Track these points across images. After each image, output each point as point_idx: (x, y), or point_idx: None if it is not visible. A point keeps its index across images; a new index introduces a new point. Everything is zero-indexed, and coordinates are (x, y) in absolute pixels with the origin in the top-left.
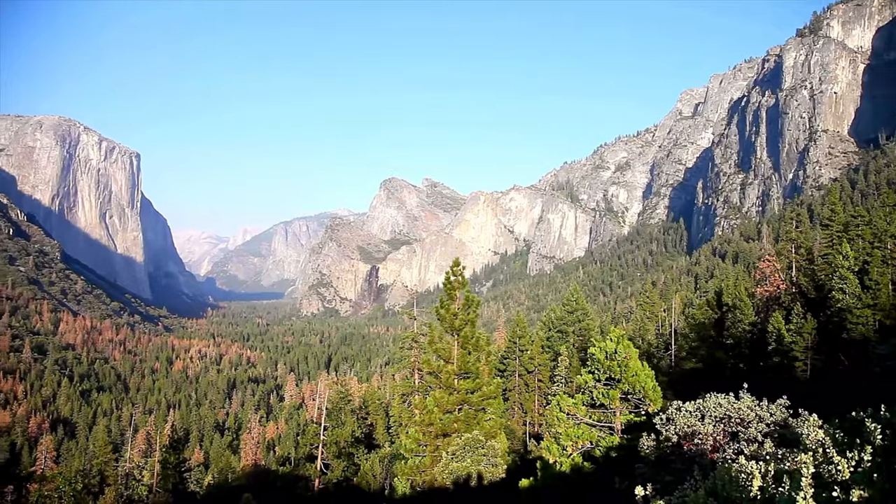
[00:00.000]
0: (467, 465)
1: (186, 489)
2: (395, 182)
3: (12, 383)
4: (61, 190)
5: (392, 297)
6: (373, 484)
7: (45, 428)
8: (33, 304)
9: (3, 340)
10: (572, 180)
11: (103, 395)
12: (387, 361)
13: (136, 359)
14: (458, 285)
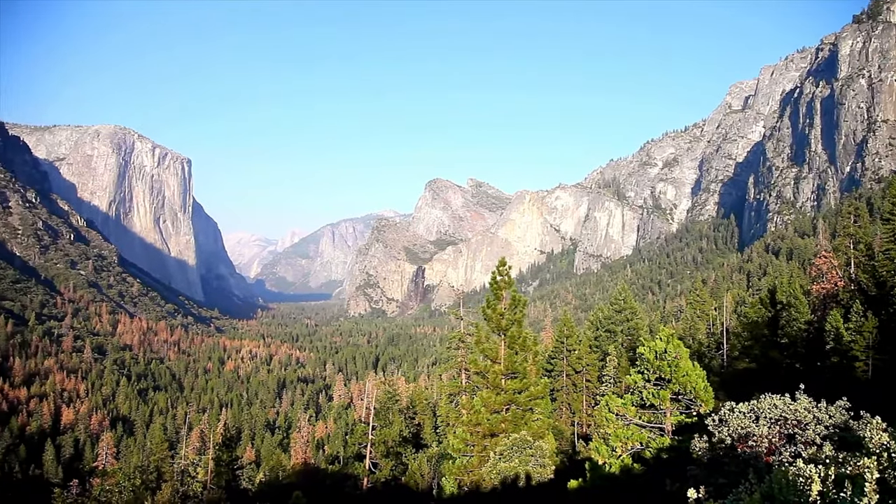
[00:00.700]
0: (515, 465)
1: (239, 486)
2: (440, 183)
3: (75, 382)
4: (118, 196)
5: (438, 297)
6: (420, 483)
7: (106, 425)
8: (93, 306)
9: (66, 341)
10: (619, 178)
11: (159, 393)
12: (434, 361)
13: (190, 359)
14: (504, 285)
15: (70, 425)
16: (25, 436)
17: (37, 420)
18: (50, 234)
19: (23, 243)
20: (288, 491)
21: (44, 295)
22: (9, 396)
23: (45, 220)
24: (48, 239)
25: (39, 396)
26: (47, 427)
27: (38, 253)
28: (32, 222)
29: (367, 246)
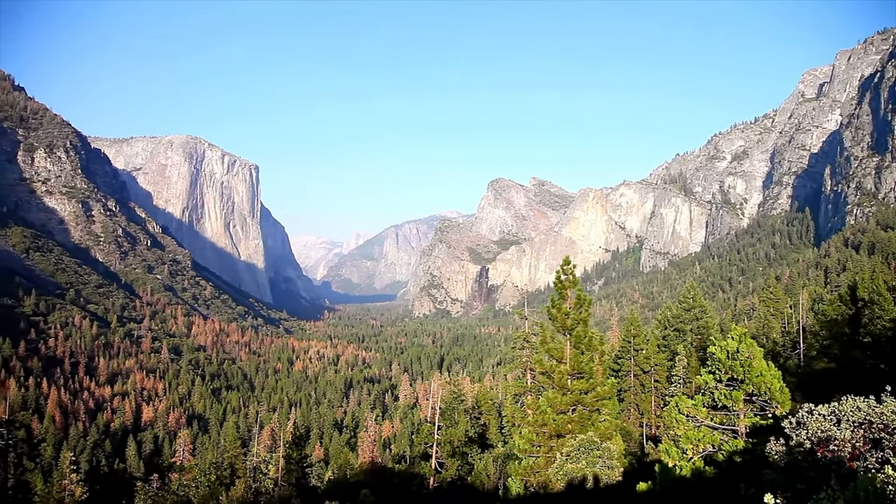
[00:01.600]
0: (582, 466)
1: (308, 484)
2: (502, 182)
3: (153, 381)
4: (190, 203)
5: (502, 297)
6: (486, 483)
7: (182, 423)
8: (169, 308)
9: (145, 342)
10: (685, 172)
11: (232, 393)
12: (498, 361)
13: (260, 359)
14: (568, 284)
15: (150, 422)
16: (110, 431)
17: (120, 417)
18: (129, 241)
19: (105, 250)
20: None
21: (124, 298)
22: (95, 394)
23: (124, 227)
24: (127, 245)
25: (122, 395)
26: (129, 424)
27: (118, 258)
28: (113, 230)
29: (431, 247)
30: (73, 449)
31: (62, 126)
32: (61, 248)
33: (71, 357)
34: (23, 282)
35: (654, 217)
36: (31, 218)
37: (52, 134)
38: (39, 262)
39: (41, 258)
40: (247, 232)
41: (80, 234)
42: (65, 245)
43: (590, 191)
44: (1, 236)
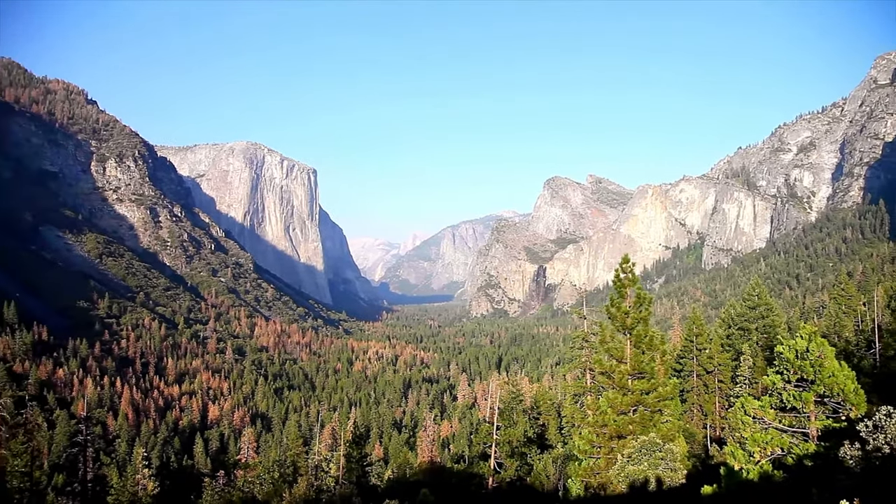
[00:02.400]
0: (644, 468)
1: (368, 482)
2: (559, 181)
3: (219, 381)
4: (251, 207)
5: (560, 296)
6: (546, 484)
7: (247, 421)
8: (233, 310)
9: (210, 343)
10: (748, 166)
11: (293, 392)
12: (557, 361)
13: (321, 360)
14: (628, 282)
15: (216, 421)
16: (179, 429)
17: (188, 415)
18: (194, 245)
19: (171, 254)
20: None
21: (190, 301)
22: (164, 393)
23: (189, 232)
24: (192, 249)
25: (189, 394)
26: (196, 422)
27: (184, 262)
28: (179, 234)
29: (488, 247)
30: (145, 445)
31: (131, 136)
32: (131, 253)
33: (142, 357)
34: (97, 285)
35: (715, 213)
36: (103, 225)
37: (122, 144)
38: (112, 267)
39: (113, 263)
40: (306, 235)
41: (149, 239)
42: (134, 250)
43: (648, 187)
44: (77, 243)
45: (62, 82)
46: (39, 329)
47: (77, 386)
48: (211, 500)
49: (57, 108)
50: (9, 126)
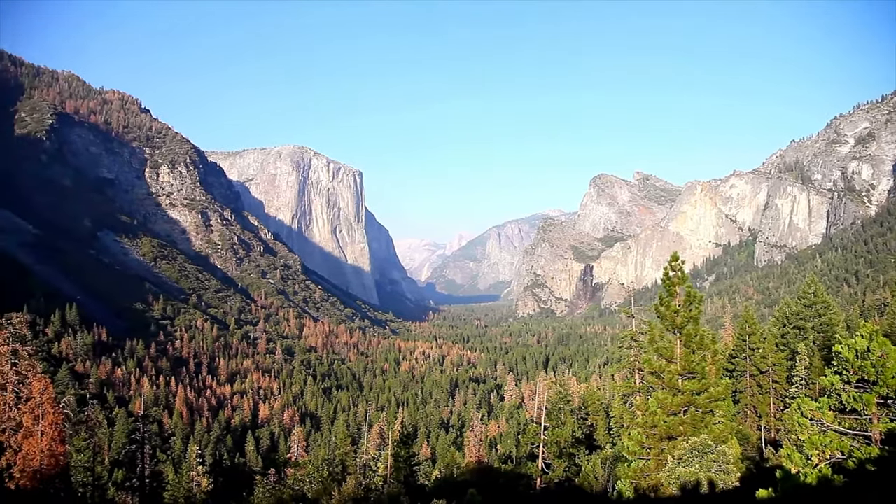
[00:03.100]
0: (695, 470)
1: (416, 481)
2: (605, 178)
3: (269, 381)
4: (299, 210)
5: (608, 295)
6: (595, 486)
7: (296, 420)
8: (282, 311)
9: (260, 344)
10: (802, 160)
11: (341, 392)
12: (605, 361)
13: (368, 360)
14: (677, 281)
15: (266, 420)
16: (231, 427)
17: (239, 414)
18: (244, 248)
19: (222, 257)
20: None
21: (241, 302)
22: (216, 393)
23: (239, 235)
24: (242, 252)
25: (240, 393)
26: (248, 420)
27: (234, 265)
28: (229, 238)
29: (534, 246)
30: (199, 443)
31: (182, 143)
32: (184, 257)
33: (195, 357)
34: (152, 288)
35: (768, 208)
36: (157, 229)
37: (174, 151)
38: (166, 270)
39: (167, 266)
40: (353, 236)
41: (201, 242)
42: (187, 253)
43: (697, 183)
44: (133, 247)
45: (117, 92)
46: (99, 330)
47: (134, 385)
48: (262, 497)
49: (113, 117)
50: (69, 136)
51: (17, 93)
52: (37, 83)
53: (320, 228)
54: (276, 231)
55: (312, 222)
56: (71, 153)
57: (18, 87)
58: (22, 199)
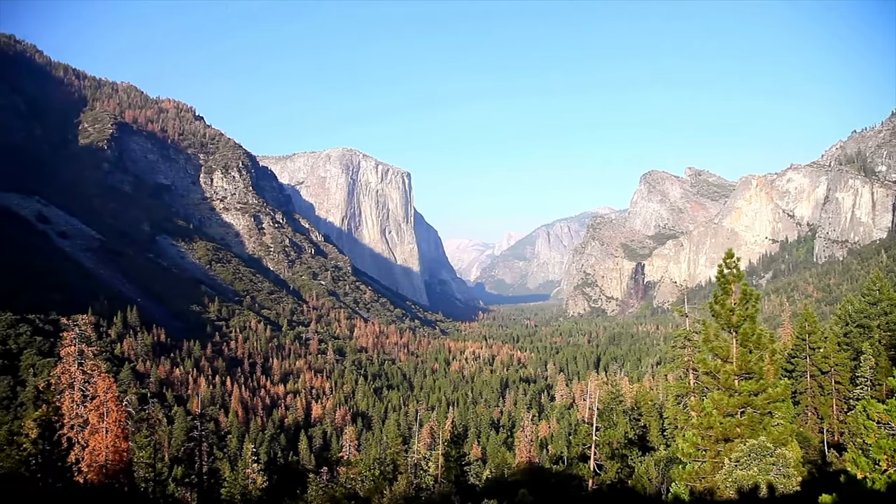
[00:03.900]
0: (754, 473)
1: (467, 481)
2: (656, 175)
3: (321, 381)
4: (348, 212)
5: (660, 294)
6: (648, 488)
7: (348, 420)
8: (333, 312)
9: (312, 344)
10: (864, 151)
11: (392, 392)
12: (658, 361)
13: (418, 360)
14: (732, 278)
15: (319, 419)
16: (284, 426)
17: (292, 413)
18: (295, 250)
19: (274, 259)
20: (514, 488)
21: (293, 303)
22: (270, 392)
23: (290, 237)
24: (294, 254)
25: (294, 393)
26: (301, 419)
27: (286, 267)
28: (281, 240)
29: (583, 244)
30: (254, 441)
31: (235, 148)
32: (238, 259)
33: (249, 358)
34: (207, 290)
35: (828, 202)
36: (212, 232)
37: (227, 156)
38: (220, 272)
39: (221, 268)
40: (402, 237)
41: (253, 245)
42: (240, 256)
43: (752, 178)
44: (189, 250)
45: (173, 101)
46: (158, 331)
47: (192, 384)
48: (315, 495)
49: (169, 125)
50: (129, 144)
51: (81, 105)
52: (98, 95)
53: (370, 230)
54: (327, 233)
55: (362, 224)
56: (130, 161)
57: (82, 99)
58: (86, 206)
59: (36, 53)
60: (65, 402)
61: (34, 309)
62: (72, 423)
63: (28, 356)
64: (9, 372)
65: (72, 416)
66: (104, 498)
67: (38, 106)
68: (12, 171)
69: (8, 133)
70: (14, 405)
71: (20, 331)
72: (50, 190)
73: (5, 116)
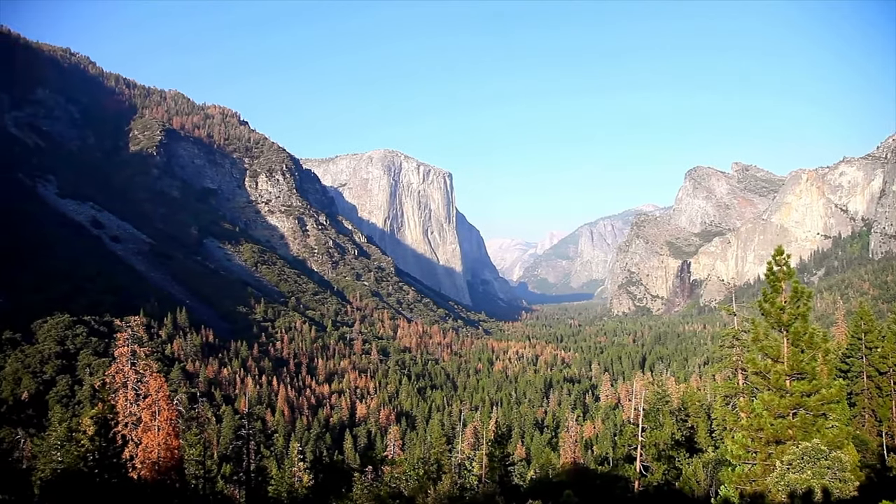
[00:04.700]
0: (807, 477)
1: (511, 482)
2: (701, 171)
3: (365, 380)
4: (390, 213)
5: (707, 292)
6: (696, 490)
7: (392, 419)
8: (376, 312)
9: (356, 344)
10: None
11: (436, 392)
12: (705, 361)
13: (462, 360)
14: (782, 276)
15: (363, 418)
16: (329, 425)
17: (337, 413)
18: (339, 251)
19: (318, 260)
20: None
21: (337, 304)
22: (316, 392)
23: (334, 239)
24: (337, 255)
25: (338, 392)
26: (345, 419)
27: (330, 268)
28: (325, 242)
29: (627, 243)
30: (300, 440)
31: (279, 152)
32: (283, 261)
33: (295, 358)
34: (254, 292)
35: (884, 196)
36: (257, 235)
37: (271, 160)
38: (266, 274)
39: (267, 270)
40: (444, 237)
41: (298, 247)
42: (285, 258)
43: (802, 172)
44: (235, 253)
45: (218, 107)
46: (206, 332)
47: (239, 384)
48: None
49: (215, 130)
50: (177, 150)
51: (131, 113)
52: (147, 103)
53: (412, 230)
54: (370, 234)
55: (404, 225)
56: (178, 166)
57: (132, 107)
58: (137, 210)
59: (89, 65)
60: (119, 400)
61: (90, 311)
62: (126, 421)
63: (84, 356)
64: (67, 371)
65: (126, 414)
66: (157, 494)
67: (91, 115)
68: (69, 178)
69: (64, 142)
70: (72, 403)
71: (77, 332)
72: (103, 196)
73: (62, 126)
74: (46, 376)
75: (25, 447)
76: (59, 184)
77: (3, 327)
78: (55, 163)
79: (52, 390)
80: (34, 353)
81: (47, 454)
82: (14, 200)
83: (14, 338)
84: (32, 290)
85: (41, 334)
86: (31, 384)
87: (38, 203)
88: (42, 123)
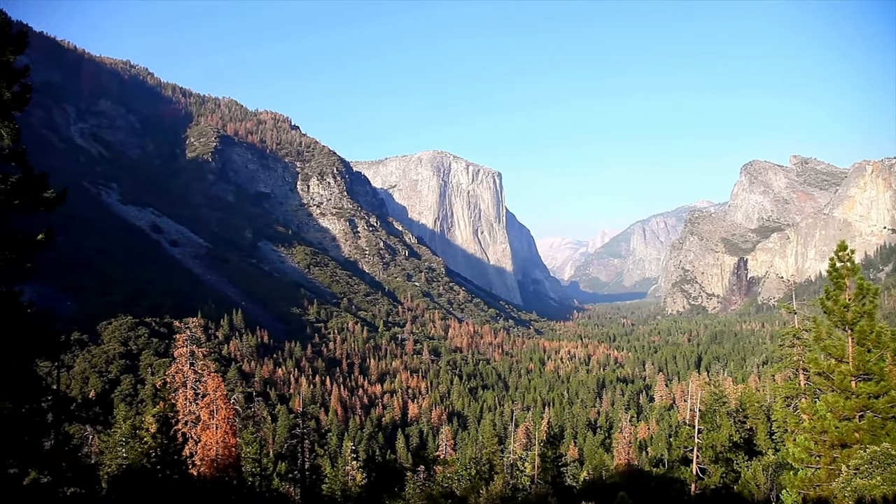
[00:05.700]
0: (876, 483)
1: (563, 483)
2: (758, 165)
3: (417, 380)
4: (440, 213)
5: (765, 290)
6: (756, 494)
7: (443, 419)
8: (427, 313)
9: (408, 345)
10: None
11: (487, 392)
12: (764, 361)
13: (513, 360)
14: (846, 272)
15: (415, 418)
16: (382, 425)
17: (389, 412)
18: (389, 252)
19: (370, 262)
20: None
21: (388, 305)
22: (368, 392)
23: (384, 240)
24: (388, 256)
25: (390, 392)
26: (397, 419)
27: (381, 269)
28: (376, 243)
29: (681, 240)
30: (353, 439)
31: (329, 155)
32: (335, 263)
33: (347, 358)
34: (307, 293)
35: None
36: (309, 237)
37: (322, 163)
38: (318, 276)
39: (319, 272)
40: (494, 237)
41: (349, 248)
42: (337, 259)
43: (867, 163)
44: (288, 255)
45: (270, 112)
46: (262, 333)
47: (293, 384)
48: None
49: (267, 135)
50: (231, 156)
51: (187, 120)
52: (202, 110)
53: (462, 231)
54: (420, 235)
55: (454, 225)
56: (232, 171)
57: (188, 115)
58: (194, 215)
59: (148, 76)
60: (179, 399)
61: (150, 313)
62: (185, 420)
63: (146, 357)
64: (130, 371)
65: (185, 412)
66: (216, 490)
67: (150, 124)
68: (130, 185)
69: (125, 150)
70: (135, 402)
71: (139, 333)
72: (162, 201)
73: (123, 135)
74: (111, 375)
75: (93, 443)
76: (122, 191)
77: (72, 329)
78: (117, 171)
79: (116, 389)
80: (100, 353)
81: (113, 450)
82: (80, 208)
83: (82, 339)
84: (97, 293)
85: (106, 335)
86: (98, 383)
87: (102, 210)
88: (105, 133)
